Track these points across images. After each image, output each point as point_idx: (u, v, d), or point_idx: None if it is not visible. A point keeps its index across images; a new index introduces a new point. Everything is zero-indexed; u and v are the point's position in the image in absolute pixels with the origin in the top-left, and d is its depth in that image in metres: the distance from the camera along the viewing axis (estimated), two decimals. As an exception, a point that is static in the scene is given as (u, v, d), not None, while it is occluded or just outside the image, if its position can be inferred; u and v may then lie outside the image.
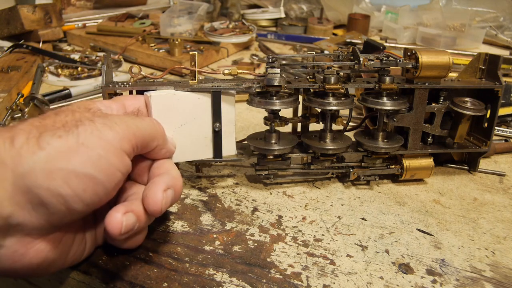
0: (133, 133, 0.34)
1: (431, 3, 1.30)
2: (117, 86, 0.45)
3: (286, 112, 0.53)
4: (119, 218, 0.33)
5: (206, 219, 0.46)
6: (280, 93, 0.49)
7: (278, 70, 0.47)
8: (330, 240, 0.44)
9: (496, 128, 0.64)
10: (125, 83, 0.46)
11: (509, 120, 0.72)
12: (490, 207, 0.51)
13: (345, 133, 0.54)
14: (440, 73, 0.49)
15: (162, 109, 0.44)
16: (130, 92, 0.47)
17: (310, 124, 0.55)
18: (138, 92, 0.45)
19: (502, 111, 0.69)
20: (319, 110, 0.52)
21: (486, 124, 0.54)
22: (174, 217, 0.46)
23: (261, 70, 0.96)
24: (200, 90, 0.45)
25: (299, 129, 0.57)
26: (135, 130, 0.34)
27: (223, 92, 0.46)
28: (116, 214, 0.33)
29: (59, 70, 0.89)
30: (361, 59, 0.48)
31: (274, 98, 0.48)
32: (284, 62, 0.59)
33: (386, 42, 1.18)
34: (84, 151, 0.30)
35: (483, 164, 0.59)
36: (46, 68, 0.89)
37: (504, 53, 1.16)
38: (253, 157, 0.52)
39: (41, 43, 1.04)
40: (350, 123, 0.54)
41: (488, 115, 0.53)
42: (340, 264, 0.40)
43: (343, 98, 0.49)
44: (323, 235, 0.44)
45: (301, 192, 0.52)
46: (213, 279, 0.38)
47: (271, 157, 0.50)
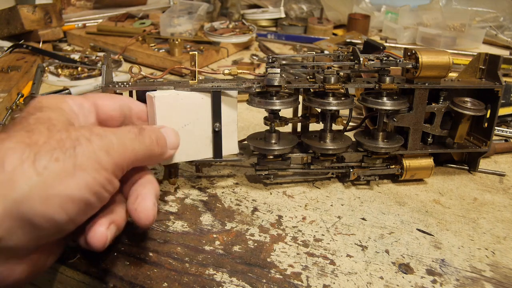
0: (128, 158, 0.33)
1: (431, 3, 1.30)
2: (117, 86, 0.45)
3: (286, 112, 0.53)
4: (104, 232, 0.32)
5: (206, 219, 0.46)
6: (280, 93, 0.49)
7: (278, 70, 0.47)
8: (330, 240, 0.44)
9: (496, 128, 0.64)
10: (125, 83, 0.46)
11: (509, 120, 0.72)
12: (490, 207, 0.51)
13: (345, 133, 0.54)
14: (440, 73, 0.49)
15: (166, 110, 0.43)
16: (130, 92, 0.47)
17: (310, 124, 0.55)
18: (139, 92, 0.45)
19: (502, 111, 0.69)
20: (319, 110, 0.52)
21: (486, 124, 0.54)
22: (174, 217, 0.46)
23: (261, 70, 0.96)
24: (200, 90, 0.45)
25: (299, 129, 0.57)
26: (131, 155, 0.33)
27: (225, 92, 0.46)
28: (100, 228, 0.32)
29: (59, 70, 0.89)
30: (361, 59, 0.48)
31: (274, 98, 0.48)
32: (284, 62, 0.60)
33: (386, 42, 1.18)
34: (81, 176, 0.29)
35: (483, 164, 0.59)
36: (46, 68, 0.89)
37: (504, 53, 1.16)
38: (253, 157, 0.52)
39: (41, 43, 1.04)
40: (350, 123, 0.54)
41: (488, 115, 0.53)
42: (340, 264, 0.40)
43: (343, 98, 0.49)
44: (323, 235, 0.44)
45: (301, 192, 0.52)
46: (213, 279, 0.38)
47: (271, 157, 0.50)
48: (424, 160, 0.53)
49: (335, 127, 0.52)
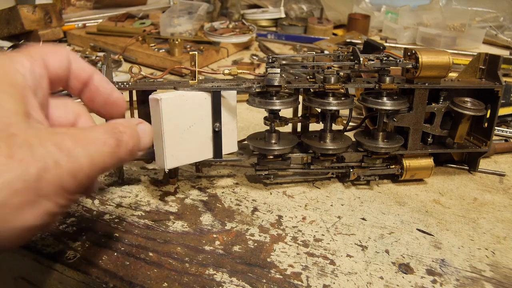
0: (96, 174, 0.29)
1: (431, 3, 1.30)
2: (117, 86, 0.45)
3: (286, 112, 0.53)
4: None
5: (206, 219, 0.46)
6: (280, 93, 0.49)
7: (278, 70, 0.47)
8: (330, 240, 0.44)
9: (496, 128, 0.64)
10: (125, 83, 0.46)
11: (509, 120, 0.72)
12: (490, 207, 0.51)
13: (345, 133, 0.54)
14: (440, 73, 0.49)
15: (172, 112, 0.43)
16: (131, 92, 0.47)
17: (310, 124, 0.55)
18: (138, 92, 0.45)
19: (502, 111, 0.69)
20: (319, 110, 0.52)
21: (486, 124, 0.54)
22: (174, 217, 0.46)
23: (261, 70, 0.96)
24: (200, 90, 0.45)
25: (299, 129, 0.57)
26: (99, 171, 0.29)
27: (225, 91, 0.46)
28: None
29: (59, 70, 0.89)
30: (361, 59, 0.48)
31: (274, 98, 0.48)
32: (284, 62, 0.60)
33: (386, 42, 1.18)
34: (42, 204, 0.26)
35: (483, 164, 0.59)
36: (46, 68, 0.89)
37: (504, 53, 1.16)
38: (253, 157, 0.52)
39: (41, 43, 1.04)
40: (350, 123, 0.54)
41: (488, 115, 0.53)
42: (340, 264, 0.40)
43: (343, 98, 0.49)
44: (323, 235, 0.44)
45: (301, 192, 0.52)
46: (213, 279, 0.38)
47: (271, 157, 0.50)
48: (424, 160, 0.53)
49: (335, 127, 0.52)
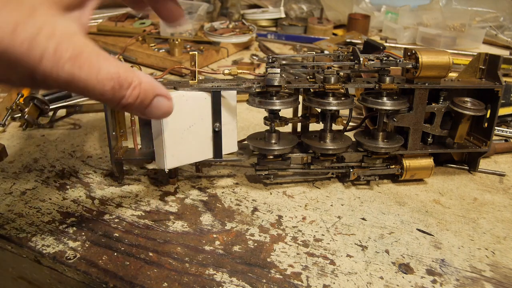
0: None
1: (431, 3, 1.30)
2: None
3: (286, 112, 0.53)
4: None
5: (206, 219, 0.46)
6: (280, 93, 0.49)
7: (278, 70, 0.47)
8: (330, 240, 0.44)
9: (496, 128, 0.64)
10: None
11: (509, 120, 0.72)
12: (490, 207, 0.51)
13: (345, 133, 0.54)
14: (440, 73, 0.49)
15: (174, 112, 0.43)
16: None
17: (310, 124, 0.55)
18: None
19: (502, 111, 0.69)
20: (319, 110, 0.52)
21: (486, 124, 0.54)
22: (174, 217, 0.46)
23: (261, 70, 0.96)
24: (200, 90, 0.45)
25: (299, 129, 0.57)
26: None
27: (225, 91, 0.46)
28: None
29: (59, 70, 0.89)
30: (361, 59, 0.48)
31: (274, 98, 0.48)
32: (284, 62, 0.60)
33: (386, 42, 1.18)
34: None
35: (483, 164, 0.59)
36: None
37: (504, 53, 1.16)
38: (253, 157, 0.52)
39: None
40: (350, 123, 0.54)
41: (488, 115, 0.53)
42: (340, 264, 0.40)
43: (343, 98, 0.49)
44: (323, 235, 0.44)
45: (301, 192, 0.52)
46: (213, 279, 0.38)
47: (271, 157, 0.50)
48: (424, 160, 0.53)
49: (335, 127, 0.52)
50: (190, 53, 0.46)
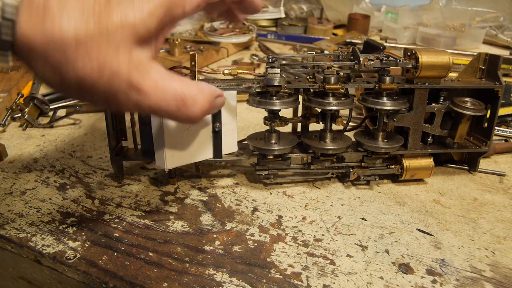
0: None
1: (431, 3, 1.30)
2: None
3: (286, 112, 0.53)
4: None
5: (206, 219, 0.46)
6: (280, 93, 0.49)
7: (278, 70, 0.47)
8: (330, 240, 0.44)
9: (496, 128, 0.64)
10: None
11: (509, 120, 0.72)
12: (490, 207, 0.51)
13: (345, 133, 0.54)
14: (440, 73, 0.49)
15: None
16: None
17: (310, 124, 0.55)
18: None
19: (502, 111, 0.69)
20: (319, 110, 0.52)
21: (486, 124, 0.54)
22: (174, 217, 0.46)
23: (261, 70, 0.96)
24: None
25: (299, 129, 0.57)
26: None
27: (224, 91, 0.46)
28: None
29: (59, 70, 0.89)
30: (361, 59, 0.48)
31: (274, 98, 0.48)
32: (284, 62, 0.60)
33: (386, 42, 1.18)
34: None
35: (483, 164, 0.59)
36: (46, 68, 0.89)
37: (504, 53, 1.16)
38: (253, 157, 0.52)
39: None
40: (350, 123, 0.54)
41: (488, 115, 0.53)
42: (340, 264, 0.40)
43: (343, 98, 0.49)
44: (323, 235, 0.44)
45: (301, 192, 0.52)
46: (213, 279, 0.38)
47: (271, 157, 0.50)
48: (424, 160, 0.53)
49: (335, 127, 0.52)
50: (190, 53, 0.46)
